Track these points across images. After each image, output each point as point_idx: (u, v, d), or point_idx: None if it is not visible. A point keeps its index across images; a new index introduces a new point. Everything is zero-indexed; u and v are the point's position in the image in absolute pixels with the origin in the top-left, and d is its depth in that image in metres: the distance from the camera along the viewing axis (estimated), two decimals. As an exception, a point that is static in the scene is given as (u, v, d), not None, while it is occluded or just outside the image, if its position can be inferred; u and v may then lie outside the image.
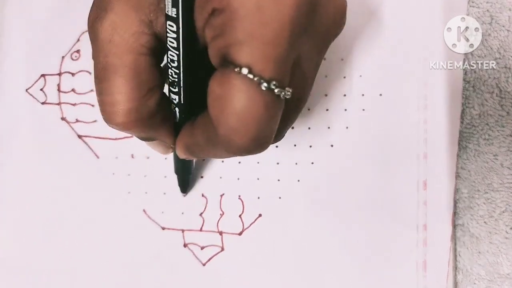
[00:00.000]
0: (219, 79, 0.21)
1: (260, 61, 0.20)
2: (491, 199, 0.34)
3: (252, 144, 0.22)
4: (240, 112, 0.21)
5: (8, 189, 0.37)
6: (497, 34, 0.34)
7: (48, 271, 0.36)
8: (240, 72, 0.20)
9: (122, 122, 0.24)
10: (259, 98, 0.21)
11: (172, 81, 0.25)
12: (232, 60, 0.21)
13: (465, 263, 0.35)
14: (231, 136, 0.22)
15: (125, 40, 0.23)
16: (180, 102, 0.26)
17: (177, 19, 0.22)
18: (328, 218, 0.34)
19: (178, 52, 0.23)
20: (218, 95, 0.21)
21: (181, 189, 0.35)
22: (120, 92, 0.23)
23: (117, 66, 0.23)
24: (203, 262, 0.35)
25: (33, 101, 0.37)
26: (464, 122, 0.34)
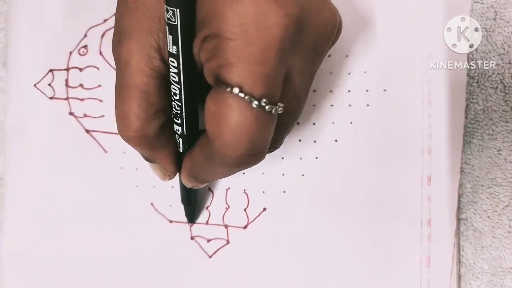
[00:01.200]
0: (214, 98, 0.23)
1: (249, 80, 0.22)
2: (495, 193, 0.34)
3: (246, 156, 0.24)
4: (233, 128, 0.22)
5: (17, 184, 0.37)
6: (501, 30, 0.34)
7: (56, 264, 0.37)
8: (232, 92, 0.22)
9: (130, 136, 0.26)
10: (251, 114, 0.22)
11: (175, 113, 0.26)
12: (224, 80, 0.22)
13: (468, 257, 0.35)
14: (226, 150, 0.23)
15: (137, 62, 0.25)
16: (183, 133, 0.27)
17: (177, 56, 0.24)
18: (332, 213, 0.34)
19: (179, 86, 0.25)
20: (213, 112, 0.23)
21: (188, 219, 0.36)
22: (130, 109, 0.25)
23: (130, 85, 0.25)
24: (210, 254, 0.36)
25: (41, 96, 0.37)
26: (468, 117, 0.34)
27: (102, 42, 0.37)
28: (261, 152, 0.24)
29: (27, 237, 0.37)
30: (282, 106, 0.23)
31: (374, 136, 0.34)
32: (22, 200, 0.37)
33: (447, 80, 0.34)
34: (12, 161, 0.37)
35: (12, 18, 0.38)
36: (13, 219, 0.37)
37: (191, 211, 0.35)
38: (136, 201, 0.36)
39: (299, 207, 0.35)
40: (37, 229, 0.37)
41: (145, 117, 0.25)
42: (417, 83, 0.34)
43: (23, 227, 0.37)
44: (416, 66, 0.34)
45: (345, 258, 0.34)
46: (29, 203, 0.37)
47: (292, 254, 0.35)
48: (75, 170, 0.37)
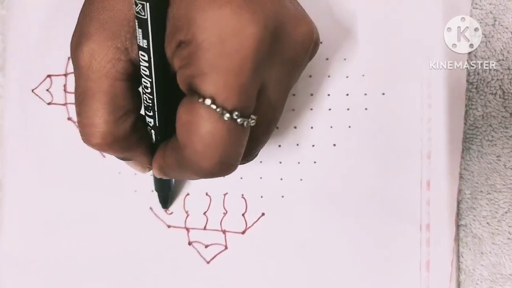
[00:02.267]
0: (186, 107, 0.23)
1: (222, 91, 0.22)
2: (494, 200, 0.34)
3: (217, 167, 0.23)
4: (204, 138, 0.22)
5: (15, 189, 0.37)
6: (500, 36, 0.34)
7: (53, 268, 0.37)
8: (204, 103, 0.22)
9: (98, 144, 0.25)
10: (222, 126, 0.22)
11: (147, 106, 0.26)
12: (197, 90, 0.22)
13: (467, 263, 0.35)
14: (196, 160, 0.23)
15: (102, 66, 0.24)
16: (155, 125, 0.27)
17: (148, 50, 0.24)
18: (331, 217, 0.34)
19: (151, 80, 0.25)
20: (184, 121, 0.23)
21: (162, 205, 0.36)
22: (96, 116, 0.24)
23: (94, 91, 0.24)
24: (207, 260, 0.36)
25: (39, 101, 0.37)
26: (467, 123, 0.34)
27: None
28: (232, 164, 0.24)
29: (25, 242, 0.37)
30: (254, 118, 0.23)
31: (372, 140, 0.34)
32: (21, 204, 0.37)
33: (447, 84, 0.34)
34: (10, 166, 0.38)
35: (10, 23, 0.38)
36: (11, 224, 0.38)
37: (165, 198, 0.36)
38: (134, 205, 0.36)
39: (298, 211, 0.35)
40: (35, 234, 0.37)
41: (113, 121, 0.25)
42: (417, 86, 0.34)
43: (21, 232, 0.37)
44: (415, 68, 0.34)
45: (344, 263, 0.34)
46: (28, 208, 0.37)
47: (291, 259, 0.35)
48: (73, 175, 0.37)
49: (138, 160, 0.29)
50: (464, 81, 0.34)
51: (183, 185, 0.36)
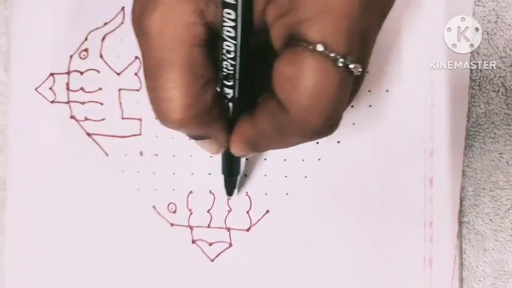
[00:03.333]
0: (289, 59, 0.20)
1: (333, 36, 0.20)
2: (497, 197, 0.34)
3: (326, 124, 0.21)
4: (314, 91, 0.20)
5: (18, 187, 0.38)
6: (503, 33, 0.34)
7: (57, 266, 0.37)
8: (315, 50, 0.20)
9: (179, 119, 0.23)
10: (334, 75, 0.20)
11: (227, 74, 0.24)
12: (303, 38, 0.20)
13: (470, 260, 0.35)
14: (304, 117, 0.21)
15: (177, 33, 0.22)
16: (234, 96, 0.25)
17: (235, 6, 0.22)
18: (335, 214, 0.35)
19: (236, 42, 0.23)
20: (288, 76, 0.20)
21: (227, 191, 0.35)
22: (176, 87, 0.22)
23: (171, 60, 0.22)
24: (212, 258, 0.36)
25: (42, 99, 0.38)
26: (469, 120, 0.35)
27: (103, 45, 0.37)
28: (338, 120, 0.22)
29: (29, 241, 0.38)
30: (359, 66, 0.21)
31: (376, 137, 0.34)
32: (24, 203, 0.38)
33: (449, 82, 0.34)
34: (14, 165, 0.38)
35: (13, 22, 0.38)
36: (15, 222, 0.38)
37: (232, 182, 0.34)
38: (137, 204, 0.36)
39: (302, 209, 0.35)
40: (39, 232, 0.37)
41: (195, 92, 0.22)
42: (420, 84, 0.34)
43: (25, 229, 0.38)
44: (417, 67, 0.34)
45: (348, 260, 0.35)
46: (31, 206, 0.38)
47: (296, 256, 0.35)
48: (77, 173, 0.37)
49: (216, 137, 0.26)
50: (467, 80, 0.34)
51: (186, 183, 0.36)
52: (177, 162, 0.36)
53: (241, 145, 0.26)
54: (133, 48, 0.36)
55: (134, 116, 0.37)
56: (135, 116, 0.36)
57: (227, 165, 0.32)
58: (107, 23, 0.37)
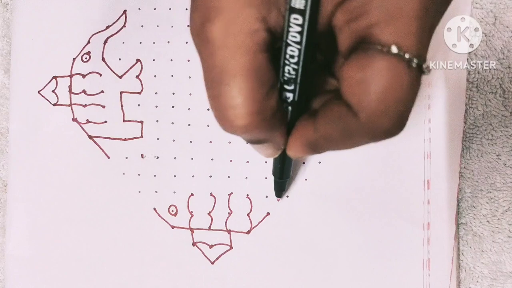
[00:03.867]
0: (359, 63, 0.20)
1: (407, 37, 0.20)
2: (494, 198, 0.35)
3: (397, 125, 0.21)
4: (386, 94, 0.20)
5: (20, 190, 0.38)
6: (501, 35, 0.34)
7: (58, 268, 0.37)
8: (389, 51, 0.20)
9: (245, 125, 0.22)
10: (407, 76, 0.20)
11: (288, 78, 0.24)
12: (376, 40, 0.20)
13: (468, 261, 0.35)
14: (376, 120, 0.21)
15: (241, 40, 0.21)
16: (294, 100, 0.25)
17: (304, 11, 0.21)
18: (335, 216, 0.35)
19: (300, 47, 0.22)
20: (359, 79, 0.20)
21: (276, 193, 0.35)
22: (242, 95, 0.22)
23: (235, 68, 0.21)
24: (212, 260, 0.36)
25: (45, 102, 0.38)
26: (467, 122, 0.35)
27: (105, 49, 0.37)
28: (407, 120, 0.22)
29: (31, 242, 0.38)
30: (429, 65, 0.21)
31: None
32: (25, 205, 0.38)
33: (447, 84, 0.34)
34: (16, 167, 0.38)
35: (15, 25, 0.38)
36: (16, 224, 0.38)
37: (283, 185, 0.35)
38: (138, 206, 0.37)
39: (303, 211, 0.35)
40: (40, 234, 0.37)
41: (261, 98, 0.22)
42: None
43: (27, 232, 0.38)
44: None
45: (348, 261, 0.35)
46: (33, 208, 0.38)
47: (296, 258, 0.35)
48: (78, 175, 0.37)
49: (276, 141, 0.26)
50: (464, 81, 0.35)
51: (187, 186, 0.36)
52: (178, 165, 0.36)
53: (301, 147, 0.26)
54: (135, 51, 0.37)
55: (135, 119, 0.37)
56: (136, 119, 0.37)
57: (280, 168, 0.32)
58: (109, 26, 0.37)
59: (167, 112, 0.37)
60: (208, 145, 0.36)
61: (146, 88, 0.37)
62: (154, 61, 0.37)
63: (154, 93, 0.37)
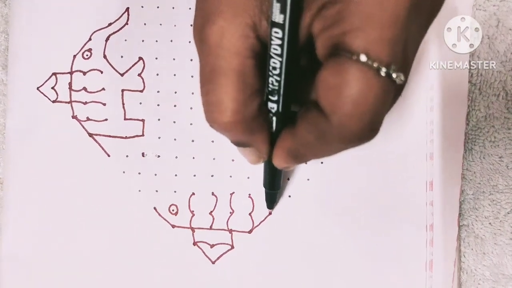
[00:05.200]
0: (333, 69, 0.21)
1: (377, 45, 0.21)
2: (496, 200, 0.35)
3: (367, 130, 0.22)
4: (356, 99, 0.21)
5: (19, 187, 0.38)
6: (504, 38, 0.35)
7: (57, 268, 0.37)
8: (358, 59, 0.21)
9: (226, 122, 0.24)
10: (376, 83, 0.21)
11: (272, 90, 0.25)
12: (347, 47, 0.21)
13: (469, 263, 0.35)
14: (346, 123, 0.22)
15: (232, 44, 0.23)
16: (278, 111, 0.26)
17: (283, 26, 0.23)
18: (337, 217, 0.35)
19: (281, 59, 0.24)
20: (332, 84, 0.21)
21: (267, 204, 0.36)
22: (226, 93, 0.24)
23: (224, 68, 0.23)
24: (213, 260, 0.36)
25: (44, 99, 0.38)
26: (470, 124, 0.35)
27: (107, 46, 0.37)
28: (378, 126, 0.23)
29: (28, 241, 0.38)
30: (402, 75, 0.22)
31: (379, 141, 0.34)
32: (23, 203, 0.37)
33: (448, 86, 0.34)
34: (13, 164, 0.38)
35: (14, 21, 0.38)
36: (13, 223, 0.38)
37: (273, 196, 0.35)
38: (139, 205, 0.37)
39: (305, 211, 0.36)
40: (38, 233, 0.37)
41: (243, 99, 0.24)
42: (421, 88, 0.34)
43: (24, 230, 0.37)
44: (418, 67, 0.34)
45: (350, 262, 0.35)
46: (30, 207, 0.37)
47: (298, 259, 0.36)
48: (77, 173, 0.37)
49: (257, 147, 0.28)
50: (466, 83, 0.35)
51: (188, 185, 0.36)
52: (179, 164, 0.36)
53: (284, 157, 0.27)
54: (137, 49, 0.37)
55: (137, 117, 0.37)
56: (138, 117, 0.37)
57: (269, 179, 0.33)
58: (112, 23, 0.37)
59: (169, 110, 0.37)
60: (210, 144, 0.36)
61: (148, 86, 0.37)
62: (156, 60, 0.37)
63: (156, 91, 0.37)
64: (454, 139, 0.35)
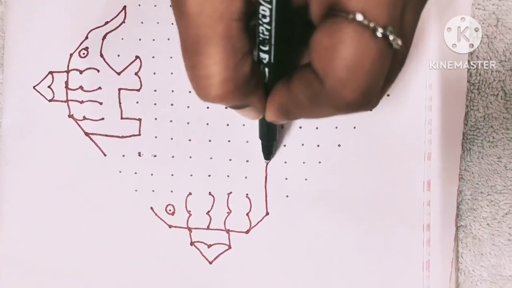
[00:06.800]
0: (327, 29, 0.21)
1: (374, 5, 0.20)
2: (495, 201, 0.35)
3: (361, 98, 0.22)
4: (351, 62, 0.20)
5: (15, 186, 0.38)
6: (503, 37, 0.35)
7: (54, 268, 0.38)
8: (354, 19, 0.20)
9: (219, 94, 0.23)
10: (373, 46, 0.20)
11: (262, 39, 0.25)
12: (343, 7, 0.20)
13: (467, 264, 0.36)
14: (340, 89, 0.21)
15: (215, 9, 0.22)
16: (270, 61, 0.25)
17: None
18: (334, 217, 0.36)
19: (271, 6, 0.23)
20: (326, 45, 0.21)
21: (264, 156, 0.36)
22: (216, 63, 0.23)
23: (209, 36, 0.22)
24: (210, 260, 0.36)
25: (40, 98, 0.38)
26: (468, 124, 0.35)
27: (103, 44, 0.37)
28: (375, 95, 0.22)
29: (24, 242, 0.38)
30: (400, 40, 0.21)
31: (377, 140, 0.35)
32: (19, 203, 0.38)
33: (447, 85, 0.35)
34: (9, 164, 0.38)
35: (9, 19, 0.38)
36: (9, 224, 0.38)
37: (270, 148, 0.35)
38: (135, 205, 0.37)
39: (302, 211, 0.36)
40: (34, 233, 0.38)
41: (234, 64, 0.23)
42: (419, 88, 0.35)
43: (20, 230, 0.38)
44: (417, 69, 0.35)
45: (347, 262, 0.36)
46: (27, 207, 0.38)
47: (295, 259, 0.36)
48: (74, 173, 0.37)
49: (255, 105, 0.27)
50: (465, 83, 0.35)
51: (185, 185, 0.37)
52: (176, 163, 0.37)
53: (274, 111, 0.27)
54: (134, 48, 0.37)
55: (133, 116, 0.37)
56: (134, 116, 0.37)
57: (263, 131, 0.34)
58: (108, 21, 0.38)
59: (166, 110, 0.37)
60: (207, 144, 0.36)
61: (145, 85, 0.37)
62: (153, 58, 0.37)
63: (153, 90, 0.37)
64: (452, 139, 0.35)
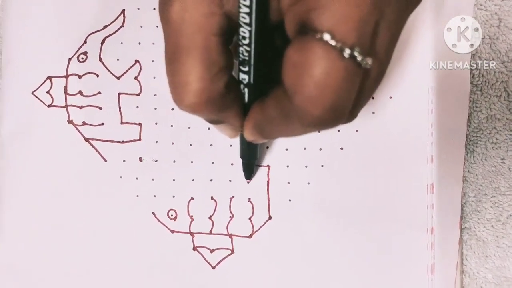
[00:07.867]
0: (297, 47, 0.21)
1: (342, 25, 0.20)
2: (498, 203, 0.35)
3: (328, 114, 0.22)
4: (318, 80, 0.21)
5: (14, 193, 0.38)
6: (505, 38, 0.35)
7: (55, 274, 0.38)
8: (322, 39, 0.20)
9: (193, 103, 0.24)
10: (340, 65, 0.21)
11: (242, 60, 0.25)
12: (312, 26, 0.21)
13: (471, 266, 0.36)
14: (307, 106, 0.22)
15: (196, 21, 0.23)
16: (249, 82, 0.26)
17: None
18: (337, 221, 0.36)
19: (250, 28, 0.24)
20: (295, 62, 0.21)
21: (245, 175, 0.37)
22: (191, 73, 0.23)
23: (188, 47, 0.23)
24: (213, 265, 0.37)
25: (39, 103, 0.38)
26: (471, 125, 0.35)
27: (102, 49, 0.37)
28: (343, 113, 0.23)
29: (25, 247, 0.38)
30: (370, 60, 0.22)
31: (379, 143, 0.35)
32: (19, 209, 0.38)
33: (450, 88, 0.35)
34: (8, 170, 0.38)
35: (7, 24, 0.38)
36: (10, 229, 0.38)
37: (250, 166, 0.36)
38: (137, 211, 0.37)
39: (305, 215, 0.36)
40: (35, 239, 0.38)
41: (209, 77, 0.24)
42: (423, 90, 0.35)
43: (21, 237, 0.38)
44: (419, 68, 0.35)
45: (351, 266, 0.36)
46: (27, 212, 0.38)
47: (298, 263, 0.36)
48: (74, 179, 0.37)
49: (231, 122, 0.28)
50: (468, 85, 0.35)
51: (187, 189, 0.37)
52: (177, 168, 0.37)
53: (251, 130, 0.27)
54: (133, 52, 0.37)
55: (133, 121, 0.37)
56: (134, 121, 0.37)
57: (243, 149, 0.34)
58: (107, 26, 0.38)
59: (166, 114, 0.37)
60: (209, 148, 0.37)
61: (145, 89, 0.37)
62: (153, 62, 0.37)
63: (153, 94, 0.37)
64: (456, 141, 0.35)
